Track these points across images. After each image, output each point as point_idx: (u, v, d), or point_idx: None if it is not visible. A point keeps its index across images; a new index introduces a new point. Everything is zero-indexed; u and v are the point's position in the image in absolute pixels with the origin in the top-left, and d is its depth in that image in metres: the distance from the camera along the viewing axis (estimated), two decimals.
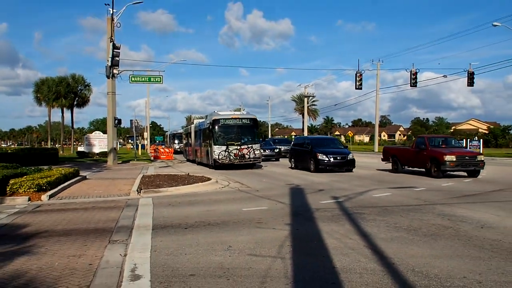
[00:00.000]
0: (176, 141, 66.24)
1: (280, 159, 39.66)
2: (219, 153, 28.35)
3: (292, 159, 30.14)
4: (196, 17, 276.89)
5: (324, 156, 25.49)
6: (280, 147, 42.47)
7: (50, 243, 8.50)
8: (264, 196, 15.28)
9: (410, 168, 24.92)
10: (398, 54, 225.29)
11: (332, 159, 25.54)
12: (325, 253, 7.58)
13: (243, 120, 29.84)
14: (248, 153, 28.79)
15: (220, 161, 28.31)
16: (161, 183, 18.66)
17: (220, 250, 7.84)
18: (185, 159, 43.76)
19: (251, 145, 29.11)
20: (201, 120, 36.31)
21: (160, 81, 35.39)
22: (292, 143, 32.59)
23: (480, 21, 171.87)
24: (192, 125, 38.97)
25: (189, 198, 15.11)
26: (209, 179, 20.01)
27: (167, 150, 48.46)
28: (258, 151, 29.64)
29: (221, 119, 29.45)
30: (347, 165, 25.72)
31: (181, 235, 9.24)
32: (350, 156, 25.91)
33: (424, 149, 22.32)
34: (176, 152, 58.35)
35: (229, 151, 28.45)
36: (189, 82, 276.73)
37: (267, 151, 38.06)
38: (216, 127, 29.02)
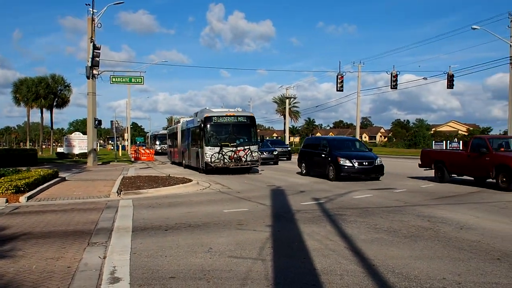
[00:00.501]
0: (158, 142, 65.35)
1: (278, 162, 36.49)
2: (212, 155, 25.01)
3: (303, 164, 25.24)
4: (178, 18, 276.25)
5: (347, 161, 20.79)
6: (277, 149, 38.96)
7: (27, 245, 8.36)
8: (245, 197, 15.26)
9: (460, 177, 20.57)
10: (379, 56, 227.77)
11: (357, 165, 20.79)
12: (306, 255, 7.58)
13: (239, 118, 26.44)
14: (245, 156, 25.52)
15: (212, 164, 24.93)
16: (141, 184, 18.53)
17: (200, 252, 7.80)
18: (170, 161, 41.74)
19: (248, 147, 25.87)
20: (189, 119, 33.82)
21: (141, 82, 35.22)
22: (303, 144, 28.15)
23: (460, 24, 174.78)
24: (179, 124, 36.29)
25: (170, 199, 15.02)
26: (190, 180, 19.93)
27: (147, 151, 48.15)
28: (256, 154, 26.43)
29: (214, 116, 26.05)
30: (375, 172, 21.21)
31: (161, 237, 9.17)
32: (378, 161, 21.34)
33: (485, 153, 17.53)
34: (157, 153, 58.45)
35: (223, 153, 25.15)
36: (170, 83, 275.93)
37: (264, 153, 34.21)
38: (209, 125, 25.79)
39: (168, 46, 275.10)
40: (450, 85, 45.22)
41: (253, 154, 25.89)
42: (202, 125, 25.81)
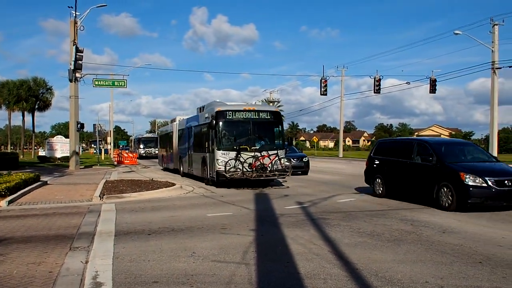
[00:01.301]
0: (142, 146, 64.86)
1: (308, 171, 28.28)
2: (227, 162, 18.79)
3: (378, 179, 16.27)
4: (160, 21, 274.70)
5: (478, 179, 12.50)
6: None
7: (8, 250, 8.24)
8: (229, 201, 15.22)
9: None
10: (362, 60, 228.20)
11: (495, 185, 12.47)
12: (289, 259, 7.58)
13: (261, 114, 20.30)
14: (272, 164, 19.43)
15: (227, 174, 18.72)
16: (124, 188, 18.40)
17: (184, 257, 7.76)
18: (161, 167, 36.17)
19: (275, 152, 19.83)
20: (189, 116, 27.47)
21: (124, 85, 35.07)
22: (374, 149, 17.89)
23: (443, 29, 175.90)
24: (175, 123, 30.42)
25: (153, 203, 14.93)
26: (173, 184, 19.84)
27: (131, 155, 47.87)
28: (283, 161, 20.65)
29: (230, 111, 19.82)
30: None
31: (144, 241, 9.11)
32: None
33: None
34: (141, 157, 58.28)
35: (243, 159, 19.08)
36: (153, 86, 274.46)
37: (293, 160, 26.25)
38: (221, 123, 19.58)
39: (151, 49, 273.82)
40: (433, 89, 45.73)
41: (281, 161, 19.93)
42: (213, 123, 19.57)
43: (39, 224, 11.06)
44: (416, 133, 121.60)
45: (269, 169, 19.33)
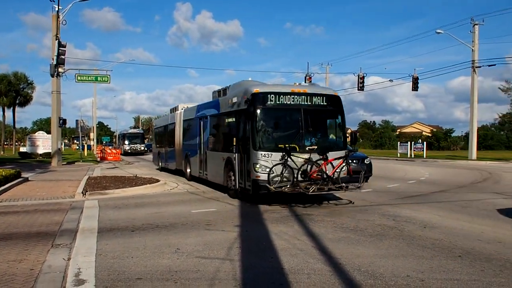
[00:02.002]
0: (127, 142, 62.35)
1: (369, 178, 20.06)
2: (272, 168, 12.80)
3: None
4: (144, 16, 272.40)
5: None
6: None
7: None
8: (214, 197, 15.21)
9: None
10: (346, 58, 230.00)
11: None
12: (273, 254, 7.61)
13: (316, 99, 14.09)
14: (338, 171, 13.45)
15: (272, 186, 12.66)
16: (107, 184, 18.26)
17: (168, 253, 7.74)
18: (158, 167, 30.27)
19: (344, 153, 13.91)
20: (200, 103, 20.81)
21: (107, 81, 34.81)
22: None
23: (425, 28, 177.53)
24: (177, 113, 24.24)
25: (137, 200, 14.85)
26: (157, 180, 19.74)
27: (114, 151, 47.49)
28: (353, 166, 15.42)
29: (273, 94, 13.62)
30: None
31: (127, 238, 9.07)
32: None
33: None
34: (126, 153, 58.02)
35: (294, 165, 13.00)
36: (137, 82, 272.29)
37: (352, 163, 16.22)
38: (261, 110, 13.49)
39: (135, 44, 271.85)
40: (415, 87, 46.05)
41: (349, 167, 13.72)
42: (249, 110, 13.42)
43: (20, 221, 10.94)
44: (399, 130, 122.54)
45: (334, 177, 13.15)
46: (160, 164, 29.47)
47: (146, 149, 64.58)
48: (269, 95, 13.41)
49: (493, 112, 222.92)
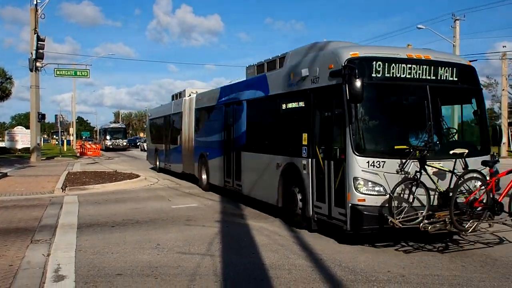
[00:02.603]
0: (108, 137, 58.97)
1: None
2: (395, 188, 7.46)
3: None
4: (124, 11, 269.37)
5: None
6: None
7: None
8: (194, 193, 15.18)
9: None
10: None
11: None
12: (254, 250, 7.63)
13: (445, 72, 8.49)
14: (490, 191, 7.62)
15: (396, 218, 7.15)
16: (87, 180, 18.12)
17: (148, 249, 7.72)
18: (154, 166, 24.63)
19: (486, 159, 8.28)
20: (227, 83, 15.48)
21: (86, 75, 34.52)
22: None
23: (406, 24, 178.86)
24: (185, 99, 18.79)
25: (117, 195, 14.76)
26: (137, 176, 19.63)
27: (94, 146, 47.12)
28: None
29: (381, 60, 8.05)
30: None
31: (107, 233, 9.02)
32: None
33: None
34: (108, 149, 56.05)
35: (430, 182, 7.69)
36: (117, 77, 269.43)
37: None
38: (366, 86, 7.61)
39: (114, 39, 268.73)
40: None
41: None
42: (348, 86, 7.61)
43: None
44: None
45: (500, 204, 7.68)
46: (157, 163, 23.55)
47: (128, 144, 62.50)
48: (375, 63, 7.98)
49: None
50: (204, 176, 15.93)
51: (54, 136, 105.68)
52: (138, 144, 69.82)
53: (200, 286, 5.83)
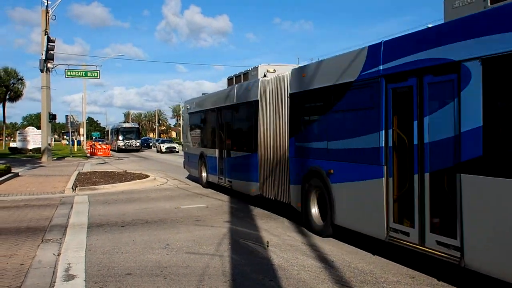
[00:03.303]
0: (121, 137, 54.60)
1: None
2: None
3: None
4: (133, 11, 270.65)
5: None
6: None
7: None
8: (203, 193, 15.22)
9: None
10: (336, 53, 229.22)
11: None
12: (263, 250, 7.65)
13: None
14: None
15: None
16: (97, 180, 18.24)
17: (157, 249, 7.76)
18: (198, 177, 17.74)
19: None
20: (389, 38, 7.34)
21: (97, 76, 34.66)
22: None
23: (416, 23, 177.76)
24: (264, 80, 12.04)
25: (126, 195, 14.84)
26: (147, 176, 19.73)
27: (104, 146, 47.36)
28: None
29: None
30: None
31: (117, 233, 9.08)
32: None
33: None
34: (120, 150, 53.14)
35: None
36: (126, 77, 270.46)
37: None
38: None
39: (123, 39, 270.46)
40: None
41: None
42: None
43: (10, 216, 10.91)
44: None
45: None
46: (205, 175, 17.06)
47: (141, 145, 57.99)
48: None
49: None
50: (315, 211, 9.34)
51: (65, 137, 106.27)
52: (150, 144, 68.13)
53: (209, 286, 5.85)
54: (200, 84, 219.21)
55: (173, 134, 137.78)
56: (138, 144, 55.93)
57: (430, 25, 6.47)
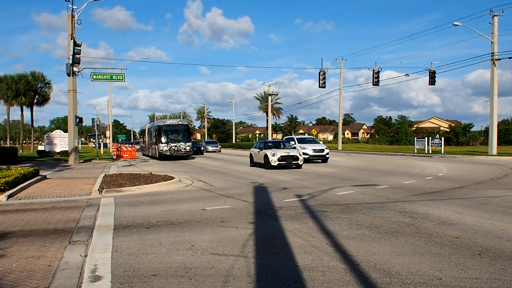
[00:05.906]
0: (163, 139, 40.04)
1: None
2: None
3: None
4: (155, 15, 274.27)
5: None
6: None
7: (7, 244, 8.26)
8: (227, 194, 15.22)
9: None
10: (359, 53, 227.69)
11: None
12: (288, 252, 7.59)
13: None
14: None
15: None
16: (123, 182, 18.41)
17: (182, 250, 7.77)
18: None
19: None
20: None
21: (122, 79, 35.07)
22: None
23: (441, 21, 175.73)
24: None
25: (152, 197, 14.93)
26: (172, 178, 19.83)
27: (129, 148, 47.85)
28: None
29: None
30: None
31: (143, 234, 9.12)
32: None
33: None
34: (164, 157, 40.07)
35: None
36: (150, 80, 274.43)
37: None
38: None
39: (146, 43, 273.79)
40: (432, 81, 45.64)
41: None
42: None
43: (38, 218, 11.07)
44: (416, 126, 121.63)
45: None
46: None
47: (191, 149, 42.01)
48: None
49: None
50: None
51: (91, 139, 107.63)
52: (202, 149, 55.74)
53: (234, 287, 5.83)
54: (224, 86, 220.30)
55: (198, 136, 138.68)
56: (188, 148, 40.91)
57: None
